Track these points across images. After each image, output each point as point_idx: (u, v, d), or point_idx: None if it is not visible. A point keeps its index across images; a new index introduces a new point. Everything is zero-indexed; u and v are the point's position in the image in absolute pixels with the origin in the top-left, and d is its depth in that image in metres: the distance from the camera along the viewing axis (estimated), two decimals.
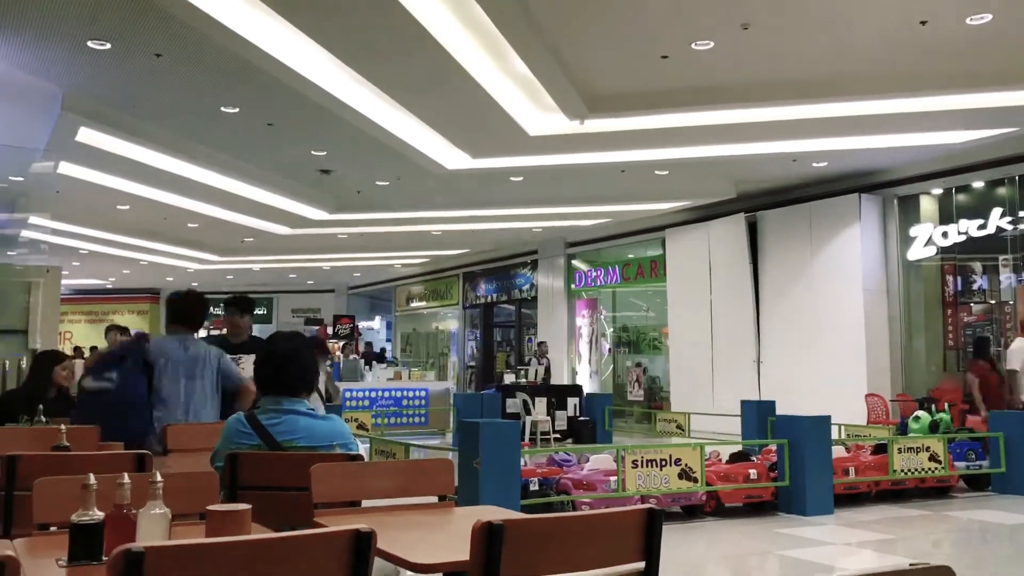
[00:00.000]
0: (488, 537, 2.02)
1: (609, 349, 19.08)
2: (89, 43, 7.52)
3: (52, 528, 2.53)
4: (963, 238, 12.09)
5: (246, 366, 5.15)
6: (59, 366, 5.67)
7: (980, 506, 8.06)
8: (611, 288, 19.04)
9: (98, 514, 2.12)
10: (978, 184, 12.04)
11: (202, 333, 5.53)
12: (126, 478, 2.17)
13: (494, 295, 22.95)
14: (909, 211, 12.95)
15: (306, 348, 3.49)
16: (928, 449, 8.28)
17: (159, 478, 2.18)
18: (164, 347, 4.87)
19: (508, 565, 2.05)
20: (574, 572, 2.18)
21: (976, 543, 6.99)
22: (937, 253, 12.49)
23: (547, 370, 16.18)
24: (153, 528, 2.10)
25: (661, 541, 2.27)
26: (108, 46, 7.60)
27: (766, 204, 14.42)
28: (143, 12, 6.88)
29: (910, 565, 1.63)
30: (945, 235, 12.30)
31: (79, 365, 7.91)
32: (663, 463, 7.18)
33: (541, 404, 13.62)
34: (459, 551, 2.12)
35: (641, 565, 2.26)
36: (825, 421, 7.88)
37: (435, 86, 8.70)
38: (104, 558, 2.06)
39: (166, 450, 4.28)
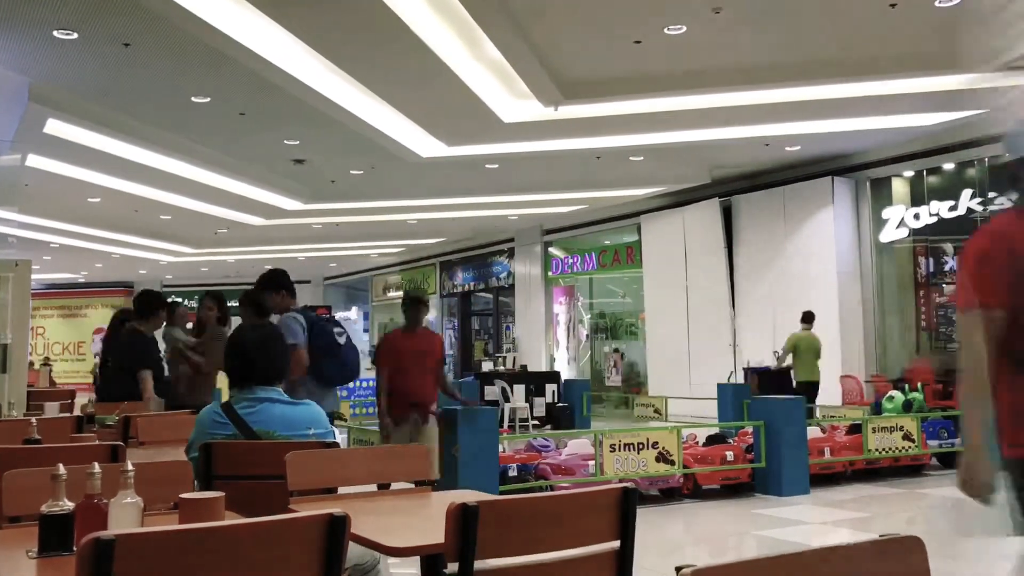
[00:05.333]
0: (463, 518, 2.02)
1: (586, 335, 19.13)
2: (56, 32, 7.39)
3: (23, 521, 2.50)
4: (934, 220, 12.21)
5: None
6: None
7: (952, 483, 8.15)
8: (588, 275, 19.08)
9: (68, 504, 2.10)
10: (949, 166, 12.15)
11: None
12: (97, 468, 2.14)
13: (471, 283, 22.91)
14: (881, 193, 13.06)
15: (273, 337, 3.45)
16: (902, 428, 8.38)
17: (130, 467, 2.16)
18: None
19: (483, 546, 2.05)
20: (549, 552, 2.19)
21: (948, 519, 7.08)
22: (909, 235, 12.61)
23: None
24: (124, 517, 2.07)
25: (636, 520, 2.28)
26: (75, 35, 7.48)
27: (740, 189, 14.49)
28: (110, 0, 6.78)
29: (879, 536, 1.64)
30: (917, 217, 12.42)
31: None
32: (640, 447, 7.22)
33: (519, 391, 13.66)
34: (434, 534, 2.11)
35: (616, 544, 2.27)
36: (800, 403, 7.96)
37: (408, 74, 8.64)
38: (75, 548, 2.04)
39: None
